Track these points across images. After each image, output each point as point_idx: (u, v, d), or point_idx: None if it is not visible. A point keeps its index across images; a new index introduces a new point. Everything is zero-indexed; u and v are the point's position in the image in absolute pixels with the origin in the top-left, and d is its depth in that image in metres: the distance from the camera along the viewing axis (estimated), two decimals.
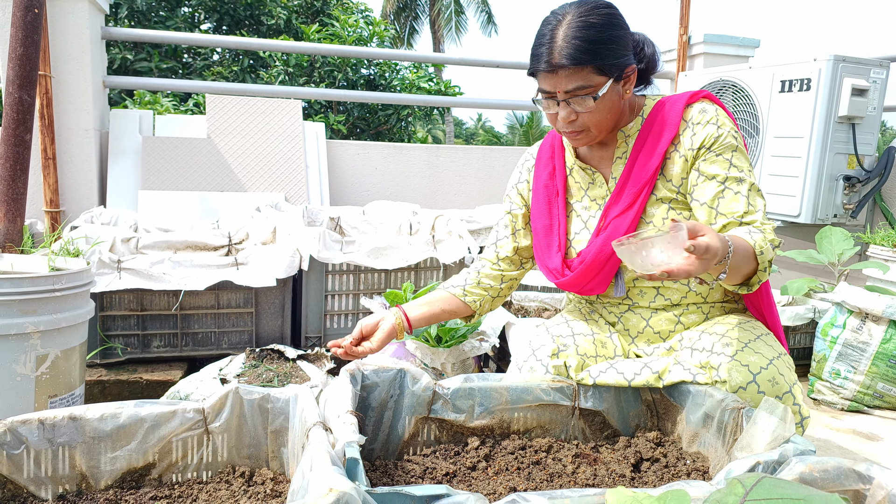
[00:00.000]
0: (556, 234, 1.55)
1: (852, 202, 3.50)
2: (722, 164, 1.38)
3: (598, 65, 1.32)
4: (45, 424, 1.12)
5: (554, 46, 1.33)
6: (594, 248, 1.46)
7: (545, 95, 1.39)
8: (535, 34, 1.40)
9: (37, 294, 1.55)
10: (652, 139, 1.44)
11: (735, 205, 1.36)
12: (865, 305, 2.39)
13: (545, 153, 1.62)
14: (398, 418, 1.31)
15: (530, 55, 1.40)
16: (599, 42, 1.31)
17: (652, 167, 1.42)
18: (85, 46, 3.11)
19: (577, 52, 1.30)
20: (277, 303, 2.43)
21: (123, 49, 7.73)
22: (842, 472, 0.94)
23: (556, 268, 1.54)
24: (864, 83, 3.23)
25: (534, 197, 1.60)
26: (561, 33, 1.32)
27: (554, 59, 1.32)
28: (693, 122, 1.42)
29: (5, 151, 1.78)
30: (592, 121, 1.39)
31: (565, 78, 1.33)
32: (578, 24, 1.32)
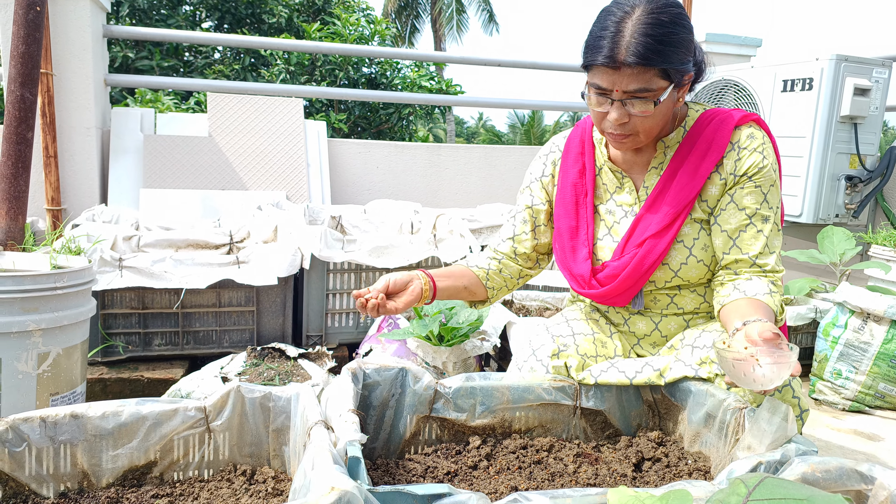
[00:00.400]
0: (583, 238, 1.48)
1: (854, 202, 3.49)
2: (756, 197, 1.35)
3: (665, 68, 1.23)
4: (47, 422, 1.12)
5: (619, 40, 1.22)
6: (629, 267, 1.40)
7: (598, 91, 1.29)
8: (595, 23, 1.29)
9: (39, 292, 1.55)
10: (695, 157, 1.38)
11: (754, 243, 1.35)
12: (867, 305, 2.38)
13: (574, 147, 1.53)
14: (399, 417, 1.31)
15: (586, 45, 1.29)
16: (670, 43, 1.23)
17: (694, 188, 1.37)
18: (86, 44, 3.11)
19: (647, 51, 1.21)
20: (279, 301, 2.43)
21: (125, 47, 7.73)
22: (844, 472, 0.94)
23: (582, 275, 1.47)
24: (866, 83, 3.22)
25: (559, 194, 1.53)
26: (629, 27, 1.22)
27: (619, 55, 1.22)
28: (740, 146, 1.36)
29: (7, 149, 1.78)
30: (644, 126, 1.31)
31: (628, 77, 1.24)
32: (650, 20, 1.22)
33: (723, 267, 1.40)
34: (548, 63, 4.52)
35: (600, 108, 1.31)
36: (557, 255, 1.54)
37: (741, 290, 1.32)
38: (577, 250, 1.48)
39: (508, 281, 1.58)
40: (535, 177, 1.58)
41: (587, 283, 1.47)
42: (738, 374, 1.06)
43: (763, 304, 1.27)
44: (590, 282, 1.46)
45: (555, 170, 1.56)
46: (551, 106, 4.66)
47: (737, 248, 1.36)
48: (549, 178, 1.56)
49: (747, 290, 1.32)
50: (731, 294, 1.33)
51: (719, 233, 1.38)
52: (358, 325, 2.58)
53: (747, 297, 1.30)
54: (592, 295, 1.48)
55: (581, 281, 1.48)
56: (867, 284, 2.68)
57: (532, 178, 1.59)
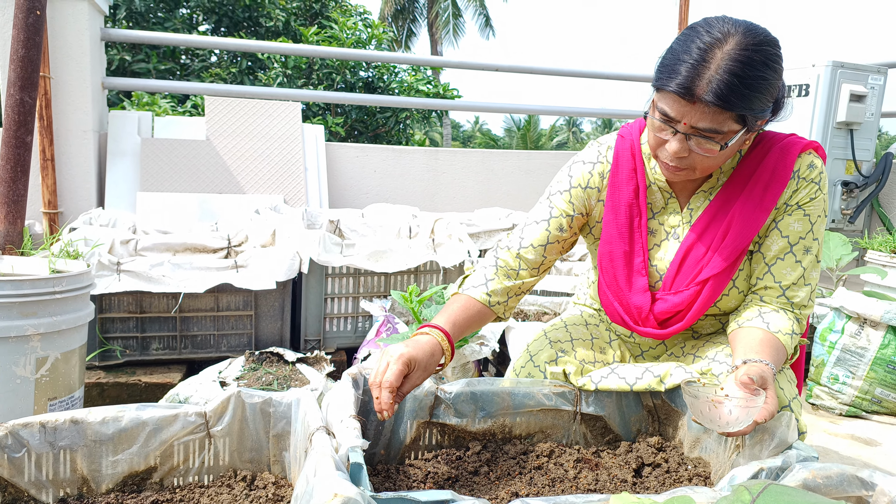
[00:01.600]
0: (639, 265, 1.37)
1: (850, 207, 3.51)
2: (803, 226, 1.29)
3: (742, 114, 1.13)
4: (47, 428, 1.11)
5: (702, 71, 1.11)
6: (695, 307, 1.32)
7: (663, 118, 1.18)
8: (678, 41, 1.18)
9: (37, 296, 1.54)
10: (758, 188, 1.28)
11: (789, 273, 1.29)
12: (864, 311, 2.40)
13: (627, 163, 1.38)
14: (400, 423, 1.31)
15: (662, 64, 1.18)
16: (756, 89, 1.12)
17: (759, 222, 1.28)
18: (84, 48, 3.10)
19: (729, 93, 1.10)
20: (277, 305, 2.43)
21: (121, 50, 7.72)
22: (845, 478, 0.94)
23: (639, 307, 1.36)
24: (862, 89, 3.24)
25: (611, 213, 1.39)
26: (716, 61, 1.10)
27: (697, 88, 1.11)
28: (800, 175, 1.28)
29: (6, 153, 1.78)
30: (703, 164, 1.21)
31: (700, 114, 1.13)
32: (741, 57, 1.10)
33: (752, 291, 1.35)
34: (545, 68, 4.54)
35: (661, 133, 1.21)
36: (607, 282, 1.40)
37: (765, 320, 1.27)
38: (633, 280, 1.37)
39: (513, 299, 1.43)
40: (577, 183, 1.43)
41: (641, 318, 1.36)
42: (698, 411, 1.07)
43: (778, 344, 1.23)
44: (647, 317, 1.36)
45: (602, 182, 1.42)
46: (548, 111, 4.68)
47: (770, 276, 1.30)
48: (595, 190, 1.42)
49: (771, 323, 1.26)
50: (753, 320, 1.28)
51: (759, 259, 1.33)
52: (356, 329, 2.58)
53: (768, 330, 1.25)
54: (649, 334, 1.37)
55: (636, 314, 1.37)
56: (863, 290, 2.70)
57: (573, 184, 1.43)
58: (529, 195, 4.23)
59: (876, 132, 3.47)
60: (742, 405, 1.03)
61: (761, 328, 1.25)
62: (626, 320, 1.39)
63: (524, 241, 1.42)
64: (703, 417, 1.06)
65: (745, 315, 1.31)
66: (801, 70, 3.30)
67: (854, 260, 3.36)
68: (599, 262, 1.42)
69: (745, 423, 1.03)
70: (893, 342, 2.35)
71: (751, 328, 1.26)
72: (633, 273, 1.37)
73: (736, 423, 1.03)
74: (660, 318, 1.36)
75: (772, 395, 1.08)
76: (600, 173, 1.42)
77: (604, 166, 1.42)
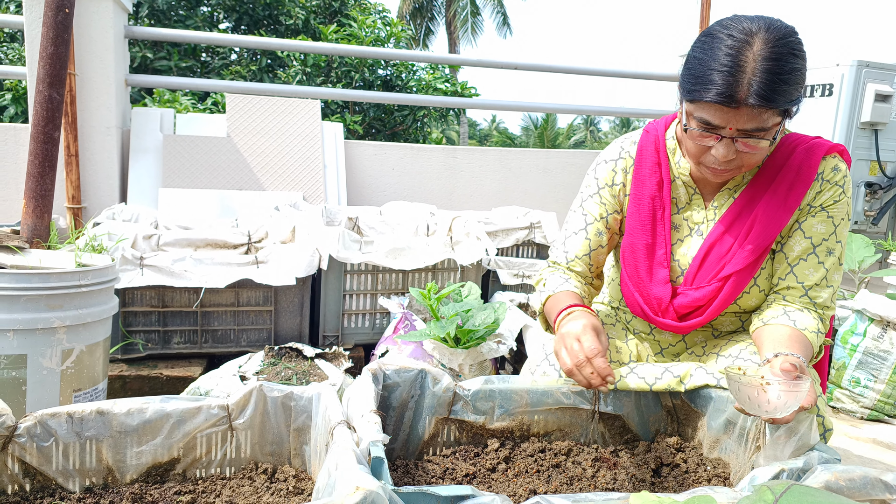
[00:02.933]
0: (660, 257, 1.38)
1: (874, 209, 3.46)
2: (826, 227, 1.30)
3: (785, 107, 1.14)
4: (74, 418, 1.14)
5: (740, 77, 1.11)
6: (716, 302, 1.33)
7: (705, 127, 1.18)
8: (700, 51, 1.17)
9: (64, 289, 1.57)
10: (782, 187, 1.29)
11: (811, 273, 1.30)
12: (887, 313, 2.36)
13: (650, 157, 1.40)
14: (419, 418, 1.31)
15: (693, 77, 1.17)
16: (791, 81, 1.12)
17: (783, 221, 1.29)
18: (109, 45, 3.15)
19: (771, 92, 1.11)
20: (296, 301, 2.45)
21: (143, 47, 7.81)
22: (868, 481, 0.93)
23: (660, 298, 1.37)
24: (887, 89, 3.19)
25: (634, 206, 1.40)
26: (751, 63, 1.11)
27: (739, 94, 1.11)
28: (824, 177, 1.29)
29: (34, 148, 1.81)
30: (751, 161, 1.22)
31: (745, 117, 1.13)
32: (774, 54, 1.11)
33: (774, 291, 1.36)
34: (562, 66, 4.52)
35: (704, 142, 1.21)
36: (628, 273, 1.42)
37: (791, 318, 1.28)
38: (654, 271, 1.38)
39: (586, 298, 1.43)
40: (604, 183, 1.44)
41: (661, 310, 1.37)
42: (744, 397, 1.05)
43: (805, 341, 1.23)
44: (667, 308, 1.37)
45: (626, 178, 1.43)
46: (565, 109, 4.66)
47: (793, 276, 1.31)
48: (620, 186, 1.43)
49: (797, 320, 1.27)
50: (779, 318, 1.28)
51: (782, 259, 1.33)
52: (374, 325, 2.59)
53: (795, 327, 1.25)
54: (668, 326, 1.38)
55: (656, 305, 1.38)
56: (886, 292, 2.66)
57: (600, 185, 1.44)
58: (547, 194, 4.22)
59: None
60: (788, 389, 1.02)
61: (788, 325, 1.26)
62: (646, 311, 1.40)
63: (570, 255, 1.45)
64: (749, 404, 1.05)
65: (770, 313, 1.31)
66: (825, 69, 3.25)
67: (877, 262, 3.31)
68: (622, 253, 1.43)
69: (791, 409, 1.03)
70: None
71: (777, 325, 1.27)
72: (655, 264, 1.38)
73: (784, 407, 1.02)
74: (680, 313, 1.37)
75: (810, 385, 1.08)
76: (623, 169, 1.43)
77: (626, 161, 1.43)
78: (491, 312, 2.05)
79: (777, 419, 1.04)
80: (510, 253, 3.14)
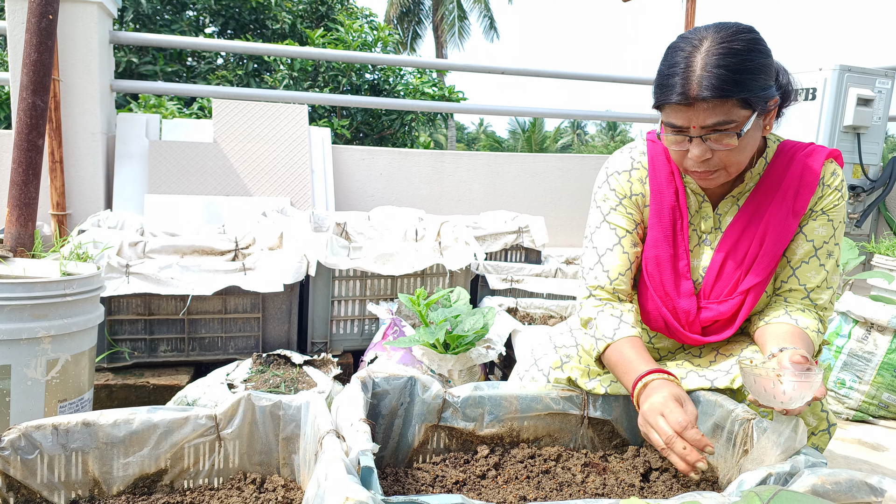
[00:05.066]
0: (683, 269, 1.38)
1: (857, 212, 3.50)
2: (826, 230, 1.33)
3: (744, 97, 1.16)
4: (59, 430, 1.12)
5: (690, 76, 1.16)
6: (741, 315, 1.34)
7: (674, 131, 1.23)
8: (662, 62, 1.24)
9: (48, 299, 1.56)
10: (787, 196, 1.32)
11: (813, 276, 1.33)
12: (871, 315, 2.39)
13: (663, 167, 1.40)
14: (408, 426, 1.31)
15: (656, 86, 1.23)
16: (745, 71, 1.15)
17: (791, 230, 1.32)
18: (93, 50, 3.12)
19: (721, 83, 1.14)
20: (284, 308, 2.44)
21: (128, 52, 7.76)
22: (854, 484, 0.94)
23: (687, 311, 1.37)
24: (869, 93, 3.24)
25: (655, 217, 1.39)
26: (699, 61, 1.16)
27: (691, 91, 1.16)
28: (825, 183, 1.33)
29: (18, 156, 1.79)
30: (730, 160, 1.23)
31: (704, 112, 1.17)
32: (720, 50, 1.15)
33: (777, 293, 1.38)
34: (550, 71, 4.55)
35: (678, 146, 1.24)
36: (653, 286, 1.39)
37: (793, 317, 1.31)
38: (679, 283, 1.38)
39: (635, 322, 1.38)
40: (623, 194, 1.42)
41: (689, 323, 1.37)
42: (759, 389, 1.06)
43: (807, 338, 1.26)
44: (694, 321, 1.37)
45: (644, 188, 1.42)
46: (553, 114, 4.68)
47: (795, 279, 1.34)
48: (640, 196, 1.42)
49: (798, 319, 1.30)
50: (781, 317, 1.32)
51: (784, 263, 1.36)
52: (363, 331, 2.58)
53: (797, 325, 1.28)
54: (694, 340, 1.38)
55: (684, 318, 1.37)
56: (870, 294, 2.69)
57: (620, 196, 1.42)
58: (535, 198, 4.23)
59: (883, 136, 3.46)
60: (802, 380, 1.04)
61: (790, 323, 1.29)
62: (673, 325, 1.38)
63: (611, 273, 1.39)
64: (764, 395, 1.06)
65: (772, 313, 1.34)
66: (809, 73, 3.29)
67: (861, 264, 3.35)
68: (645, 267, 1.40)
69: (805, 399, 1.04)
70: None
71: (779, 323, 1.30)
72: (680, 277, 1.38)
73: (799, 398, 1.04)
74: (703, 324, 1.38)
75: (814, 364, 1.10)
76: (639, 179, 1.42)
77: (640, 172, 1.42)
78: (480, 317, 2.05)
79: (791, 410, 1.05)
80: (499, 257, 3.15)
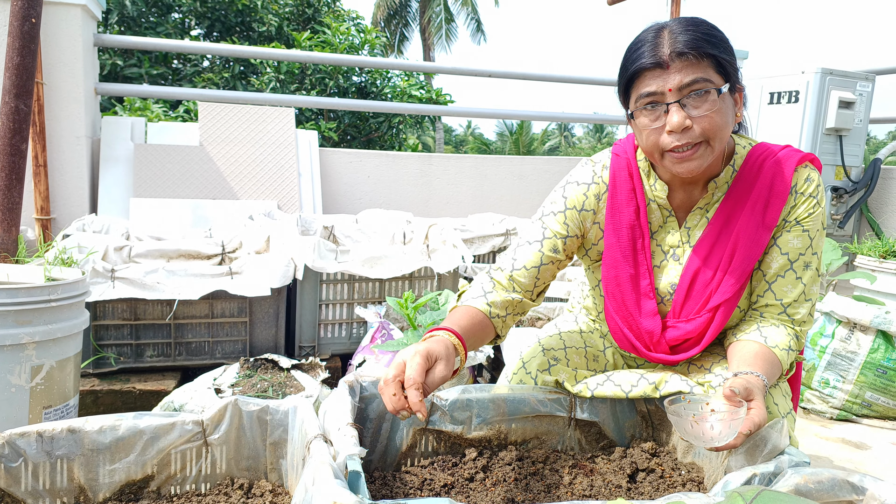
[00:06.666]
0: (646, 288, 1.34)
1: (840, 213, 3.54)
2: (802, 241, 1.28)
3: (719, 58, 1.14)
4: (44, 437, 1.11)
5: (661, 41, 1.15)
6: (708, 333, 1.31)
7: (649, 101, 1.17)
8: (630, 44, 1.22)
9: (32, 305, 1.54)
10: (757, 206, 1.27)
11: (789, 290, 1.29)
12: (854, 315, 2.42)
13: (625, 183, 1.35)
14: (396, 430, 1.31)
15: (624, 63, 1.21)
16: (713, 37, 1.16)
17: (762, 243, 1.27)
18: (77, 53, 3.10)
19: (695, 40, 1.13)
20: (271, 312, 2.43)
21: (113, 55, 7.70)
22: (836, 483, 0.96)
23: (651, 331, 1.34)
24: (850, 96, 3.28)
25: (612, 236, 1.36)
26: (669, 30, 1.16)
27: (662, 52, 1.14)
28: (797, 190, 1.27)
29: (1, 161, 1.78)
30: (712, 128, 1.16)
31: (679, 71, 1.14)
32: (687, 21, 1.17)
33: (753, 308, 1.35)
34: (537, 74, 4.58)
35: (655, 122, 1.18)
36: (615, 307, 1.38)
37: (763, 334, 1.28)
38: (641, 303, 1.35)
39: (511, 317, 1.39)
40: (572, 205, 1.39)
41: (653, 344, 1.35)
42: (682, 430, 1.07)
43: (773, 357, 1.24)
44: (659, 342, 1.34)
45: (598, 205, 1.38)
46: (540, 116, 4.70)
47: (771, 293, 1.30)
48: (591, 213, 1.38)
49: (768, 337, 1.27)
50: (751, 334, 1.29)
51: (760, 277, 1.32)
52: (351, 335, 2.58)
53: (765, 344, 1.26)
54: (660, 360, 1.36)
55: (647, 339, 1.35)
56: (853, 294, 2.72)
57: (567, 205, 1.39)
58: (522, 200, 4.25)
59: (864, 138, 3.51)
60: (724, 419, 1.02)
61: (758, 342, 1.27)
62: (638, 346, 1.37)
63: (517, 263, 1.38)
64: (688, 435, 1.06)
65: (743, 328, 1.32)
66: (791, 77, 3.33)
67: (844, 265, 3.39)
68: (605, 286, 1.39)
69: (729, 437, 1.03)
70: (883, 346, 2.38)
71: (747, 341, 1.28)
72: (641, 297, 1.35)
73: (720, 437, 1.03)
74: (671, 344, 1.35)
75: (758, 406, 1.07)
76: (596, 195, 1.38)
77: (599, 187, 1.38)
78: None
79: (719, 447, 1.05)
80: (487, 260, 3.16)
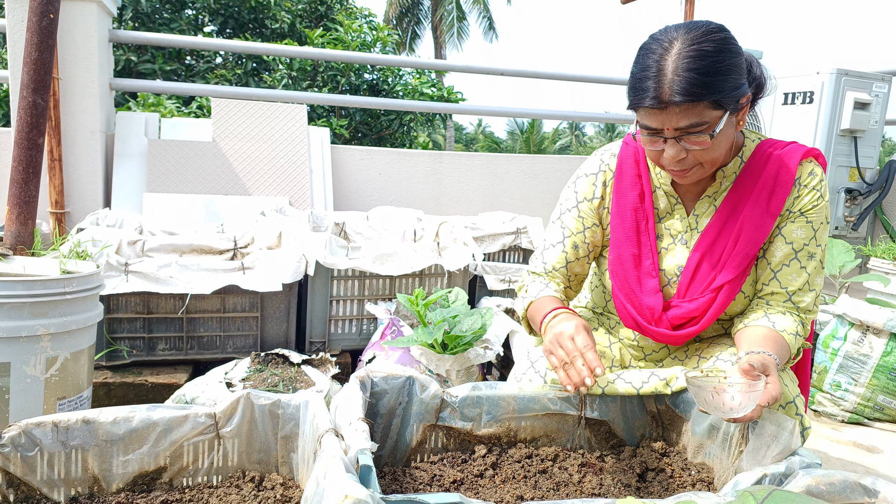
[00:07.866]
0: (648, 267, 1.40)
1: (853, 214, 3.52)
2: (806, 232, 1.32)
3: (715, 99, 1.17)
4: (59, 427, 1.13)
5: (662, 80, 1.17)
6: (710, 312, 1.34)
7: (649, 133, 1.24)
8: (635, 64, 1.24)
9: (48, 297, 1.56)
10: (763, 194, 1.32)
11: (794, 278, 1.33)
12: (867, 318, 2.40)
13: (630, 169, 1.42)
14: (406, 425, 1.32)
15: (630, 88, 1.24)
16: (716, 73, 1.16)
17: (767, 229, 1.31)
18: (93, 49, 3.13)
19: (691, 87, 1.15)
20: (283, 307, 2.45)
21: (127, 50, 7.75)
22: (848, 485, 0.95)
23: (651, 308, 1.38)
24: (866, 97, 3.25)
25: (617, 218, 1.43)
26: (670, 64, 1.17)
27: (663, 95, 1.17)
28: (801, 182, 1.32)
29: (18, 154, 1.80)
30: (705, 157, 1.24)
31: (676, 115, 1.18)
32: (690, 53, 1.16)
33: (758, 296, 1.38)
34: (549, 72, 4.57)
35: (654, 147, 1.26)
36: (618, 285, 1.43)
37: (771, 320, 1.31)
38: (643, 281, 1.40)
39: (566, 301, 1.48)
40: (583, 197, 1.47)
41: (655, 319, 1.38)
42: (702, 400, 1.09)
43: (782, 341, 1.26)
44: (660, 318, 1.38)
45: (605, 191, 1.46)
46: (551, 115, 4.69)
47: (776, 282, 1.34)
48: (599, 199, 1.46)
49: (776, 322, 1.30)
50: (759, 320, 1.32)
51: (765, 266, 1.36)
52: (361, 331, 2.59)
53: (773, 328, 1.29)
54: (663, 336, 1.38)
55: (649, 315, 1.38)
56: (866, 297, 2.70)
57: (579, 199, 1.47)
58: (534, 199, 4.24)
59: (880, 140, 3.48)
60: (744, 390, 1.06)
61: (766, 326, 1.29)
62: (640, 321, 1.40)
63: (547, 266, 1.49)
64: (708, 406, 1.09)
65: (751, 316, 1.35)
66: (806, 77, 3.31)
67: (857, 267, 3.36)
68: (610, 266, 1.44)
69: (748, 408, 1.06)
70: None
71: (756, 326, 1.30)
72: (643, 275, 1.40)
73: (740, 408, 1.06)
74: (674, 323, 1.38)
75: (774, 380, 1.11)
76: (603, 182, 1.46)
77: (606, 174, 1.46)
78: (478, 318, 2.06)
79: (738, 418, 1.08)
80: (497, 258, 3.16)
